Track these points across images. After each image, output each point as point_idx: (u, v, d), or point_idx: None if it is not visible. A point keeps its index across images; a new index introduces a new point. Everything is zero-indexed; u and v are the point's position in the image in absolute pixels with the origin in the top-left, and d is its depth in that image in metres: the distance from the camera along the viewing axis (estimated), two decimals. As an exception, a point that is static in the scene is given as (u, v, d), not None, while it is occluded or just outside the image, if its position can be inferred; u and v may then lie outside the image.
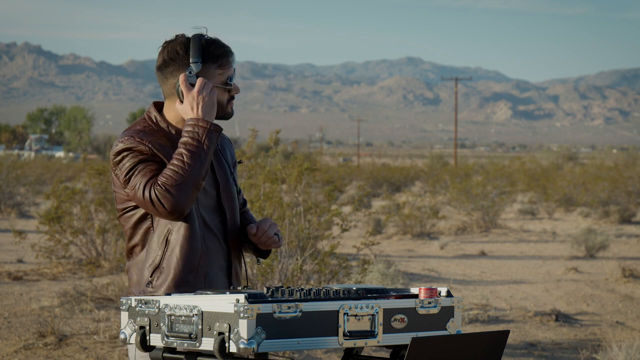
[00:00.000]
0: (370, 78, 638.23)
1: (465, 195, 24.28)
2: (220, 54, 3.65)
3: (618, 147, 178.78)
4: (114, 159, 3.62)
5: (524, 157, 64.81)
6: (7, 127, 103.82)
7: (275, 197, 9.54)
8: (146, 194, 3.51)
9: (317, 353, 8.38)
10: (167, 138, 3.66)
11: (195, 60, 3.61)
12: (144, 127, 3.67)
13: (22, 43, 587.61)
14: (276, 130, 10.09)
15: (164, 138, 3.65)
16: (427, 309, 3.37)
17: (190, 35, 3.67)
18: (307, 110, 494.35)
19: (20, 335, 8.74)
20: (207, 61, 3.64)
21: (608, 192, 28.01)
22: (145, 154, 3.58)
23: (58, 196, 13.77)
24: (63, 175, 37.84)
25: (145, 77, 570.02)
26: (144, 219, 3.64)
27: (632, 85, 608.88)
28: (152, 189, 3.51)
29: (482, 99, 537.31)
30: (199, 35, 3.66)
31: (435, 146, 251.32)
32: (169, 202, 3.50)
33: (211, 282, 3.66)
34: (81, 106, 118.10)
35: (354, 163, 72.04)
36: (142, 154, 3.58)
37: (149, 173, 3.55)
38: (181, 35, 3.70)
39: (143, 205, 3.55)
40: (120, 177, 3.60)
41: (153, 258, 3.63)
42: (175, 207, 3.50)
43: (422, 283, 13.29)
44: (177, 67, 3.65)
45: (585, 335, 9.78)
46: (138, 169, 3.56)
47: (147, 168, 3.56)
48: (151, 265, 3.63)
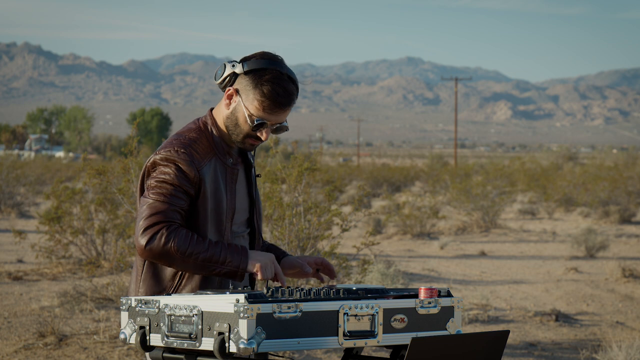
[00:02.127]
0: (370, 78, 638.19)
1: (465, 195, 24.27)
2: (268, 94, 3.50)
3: (618, 147, 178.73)
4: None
5: (524, 157, 64.83)
6: (7, 127, 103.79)
7: (275, 197, 9.54)
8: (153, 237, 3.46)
9: (317, 353, 8.37)
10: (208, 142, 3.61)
11: (247, 66, 3.53)
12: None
13: (22, 43, 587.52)
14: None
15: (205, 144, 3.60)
16: (427, 309, 3.37)
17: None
18: (307, 110, 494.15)
19: (20, 335, 8.74)
20: (254, 85, 3.52)
21: (608, 192, 27.99)
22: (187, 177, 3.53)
23: (58, 196, 13.77)
24: (63, 175, 37.86)
25: (145, 77, 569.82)
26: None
27: (632, 85, 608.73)
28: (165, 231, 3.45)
29: (482, 99, 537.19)
30: (276, 70, 3.53)
31: (435, 146, 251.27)
32: (154, 247, 3.44)
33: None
34: (81, 106, 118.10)
35: (354, 163, 72.04)
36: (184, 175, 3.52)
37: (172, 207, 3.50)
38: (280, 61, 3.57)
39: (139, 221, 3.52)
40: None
41: (174, 271, 3.58)
42: (147, 252, 3.45)
43: (422, 283, 13.29)
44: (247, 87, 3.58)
45: (585, 335, 9.78)
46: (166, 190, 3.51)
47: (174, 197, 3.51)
48: (177, 273, 3.57)
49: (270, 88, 3.49)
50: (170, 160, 3.50)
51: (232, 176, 3.64)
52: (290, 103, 3.54)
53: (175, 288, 3.56)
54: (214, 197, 3.55)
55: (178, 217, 3.47)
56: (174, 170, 3.49)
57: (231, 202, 3.61)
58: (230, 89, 3.57)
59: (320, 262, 3.78)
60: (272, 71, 3.51)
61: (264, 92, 3.49)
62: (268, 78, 3.50)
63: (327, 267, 3.78)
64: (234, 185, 3.63)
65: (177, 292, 3.56)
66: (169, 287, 3.56)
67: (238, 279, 3.48)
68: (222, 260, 3.44)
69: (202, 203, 3.52)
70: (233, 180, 3.64)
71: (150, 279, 3.58)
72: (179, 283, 3.56)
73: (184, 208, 3.50)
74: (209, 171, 3.54)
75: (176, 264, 3.45)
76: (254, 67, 3.52)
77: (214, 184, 3.56)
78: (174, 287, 3.56)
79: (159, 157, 3.53)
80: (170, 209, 3.46)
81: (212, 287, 3.57)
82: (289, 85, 3.52)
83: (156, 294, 3.54)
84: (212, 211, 3.55)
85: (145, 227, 3.44)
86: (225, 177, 3.61)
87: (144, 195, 3.52)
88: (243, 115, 3.54)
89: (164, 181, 3.49)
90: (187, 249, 3.42)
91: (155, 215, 3.45)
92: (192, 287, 3.55)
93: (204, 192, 3.52)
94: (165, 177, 3.49)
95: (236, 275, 3.46)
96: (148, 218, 3.45)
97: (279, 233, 9.34)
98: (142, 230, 3.44)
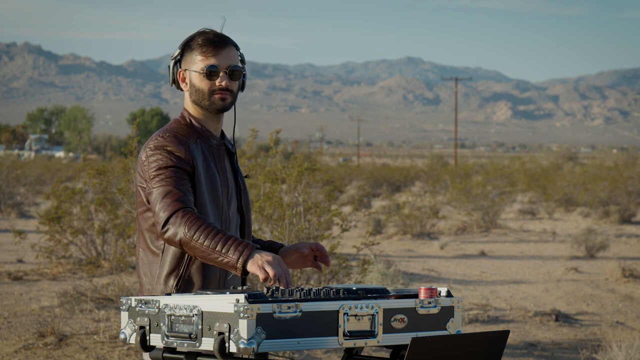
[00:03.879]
0: (370, 78, 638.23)
1: (465, 195, 24.28)
2: (202, 42, 3.70)
3: (618, 147, 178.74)
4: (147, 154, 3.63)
5: (524, 157, 64.84)
6: (7, 127, 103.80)
7: (275, 197, 9.54)
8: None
9: (317, 353, 8.38)
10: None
11: (178, 48, 3.73)
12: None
13: (22, 43, 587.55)
14: (276, 130, 10.07)
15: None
16: (427, 309, 3.37)
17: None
18: (307, 110, 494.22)
19: (20, 335, 8.74)
20: (190, 49, 3.72)
21: (608, 192, 28.00)
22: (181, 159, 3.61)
23: (58, 196, 13.77)
24: (63, 175, 37.86)
25: (145, 77, 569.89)
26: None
27: (632, 85, 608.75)
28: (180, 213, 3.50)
29: (482, 99, 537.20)
30: (201, 30, 3.74)
31: (435, 146, 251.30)
32: (175, 233, 3.50)
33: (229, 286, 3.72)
34: (81, 106, 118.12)
35: (354, 163, 72.06)
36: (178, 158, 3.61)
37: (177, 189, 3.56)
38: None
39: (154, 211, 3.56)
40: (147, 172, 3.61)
41: (172, 267, 3.63)
42: (171, 238, 3.51)
43: (422, 283, 13.29)
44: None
45: (585, 335, 9.78)
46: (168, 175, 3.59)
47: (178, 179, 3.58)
48: (171, 274, 3.62)
49: (202, 37, 3.72)
50: (159, 147, 3.61)
51: (219, 156, 3.74)
52: (226, 42, 3.71)
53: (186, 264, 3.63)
54: (207, 175, 3.65)
55: (190, 199, 3.55)
56: (166, 154, 3.59)
57: (224, 180, 3.71)
58: (179, 71, 3.75)
59: (315, 247, 3.82)
60: (199, 32, 3.75)
61: (199, 43, 3.70)
62: (197, 36, 3.74)
63: (322, 253, 3.80)
64: (223, 164, 3.74)
65: (188, 267, 3.62)
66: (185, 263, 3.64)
67: (239, 273, 3.49)
68: (224, 251, 3.47)
69: (199, 181, 3.61)
70: (220, 159, 3.74)
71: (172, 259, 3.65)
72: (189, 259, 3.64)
73: (189, 188, 3.58)
74: (197, 150, 3.65)
75: (185, 247, 3.52)
76: (183, 42, 3.74)
77: (204, 162, 3.66)
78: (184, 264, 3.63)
79: (148, 149, 3.62)
80: (179, 191, 3.54)
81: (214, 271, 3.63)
82: (216, 32, 3.74)
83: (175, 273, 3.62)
84: (209, 190, 3.64)
85: (166, 219, 3.50)
86: (213, 156, 3.71)
87: (148, 188, 3.58)
88: (197, 77, 3.70)
89: (160, 167, 3.58)
90: (194, 234, 3.47)
91: (170, 203, 3.52)
92: (198, 265, 3.62)
93: (197, 170, 3.61)
94: (160, 163, 3.58)
95: (235, 269, 3.48)
96: (164, 209, 3.51)
97: (279, 233, 9.34)
98: (163, 223, 3.51)
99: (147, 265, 3.67)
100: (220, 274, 3.67)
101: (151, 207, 3.57)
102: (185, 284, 3.62)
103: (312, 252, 3.83)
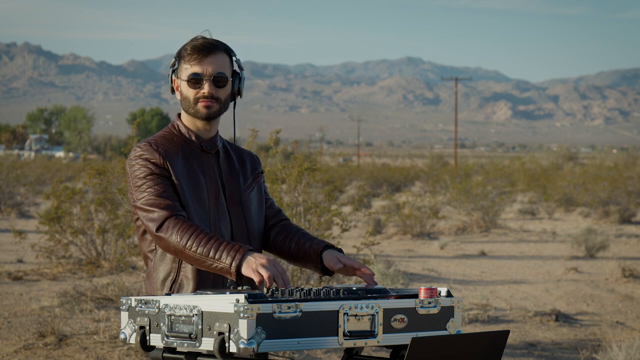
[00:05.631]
0: (370, 78, 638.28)
1: (465, 195, 24.27)
2: (189, 50, 3.72)
3: (618, 147, 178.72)
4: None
5: (524, 157, 64.82)
6: (7, 127, 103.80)
7: (275, 197, 9.54)
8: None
9: (317, 353, 8.37)
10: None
11: (174, 56, 3.77)
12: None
13: (22, 43, 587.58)
14: (276, 130, 10.07)
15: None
16: (427, 309, 3.37)
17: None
18: (307, 110, 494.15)
19: (20, 335, 8.74)
20: (181, 57, 3.75)
21: (608, 192, 27.99)
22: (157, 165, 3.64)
23: (58, 196, 13.76)
24: (63, 175, 37.85)
25: (145, 77, 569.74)
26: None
27: (632, 85, 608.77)
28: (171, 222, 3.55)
29: (482, 99, 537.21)
30: (194, 37, 3.78)
31: (435, 146, 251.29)
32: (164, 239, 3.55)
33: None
34: (81, 106, 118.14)
35: (354, 163, 72.06)
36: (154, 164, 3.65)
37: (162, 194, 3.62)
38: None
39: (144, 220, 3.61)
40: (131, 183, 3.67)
41: (167, 271, 3.66)
42: (163, 244, 3.57)
43: (422, 283, 13.28)
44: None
45: (585, 335, 9.78)
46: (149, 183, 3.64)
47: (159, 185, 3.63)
48: (167, 279, 3.66)
49: (190, 45, 3.74)
50: (137, 156, 3.67)
51: (207, 159, 3.76)
52: (213, 48, 3.71)
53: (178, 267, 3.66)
54: (189, 177, 3.67)
55: (176, 204, 3.60)
56: (143, 162, 3.64)
57: (211, 182, 3.71)
58: (174, 79, 3.79)
59: (359, 269, 3.73)
60: (191, 39, 3.78)
61: (187, 52, 3.72)
62: (187, 44, 3.76)
63: (368, 279, 3.72)
64: (211, 166, 3.75)
65: (180, 268, 3.65)
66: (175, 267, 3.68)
67: (233, 277, 3.49)
68: (217, 257, 3.47)
69: (179, 185, 3.64)
70: (208, 162, 3.75)
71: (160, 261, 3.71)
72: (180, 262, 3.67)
73: (172, 192, 3.62)
74: (176, 154, 3.68)
75: (179, 255, 3.56)
76: (178, 50, 3.78)
77: (186, 165, 3.68)
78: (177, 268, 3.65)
79: (128, 161, 3.71)
80: (163, 199, 3.59)
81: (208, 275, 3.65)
82: (206, 38, 3.75)
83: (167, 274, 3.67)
84: (192, 192, 3.66)
85: (156, 228, 3.56)
86: (200, 159, 3.73)
87: (133, 200, 3.64)
88: (184, 85, 3.74)
89: (140, 177, 3.63)
90: (187, 242, 3.50)
91: (157, 213, 3.57)
92: (190, 268, 3.64)
93: (175, 174, 3.64)
94: (138, 173, 3.64)
95: (229, 274, 3.48)
96: (153, 220, 3.57)
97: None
98: (155, 234, 3.57)
99: (149, 274, 3.72)
100: (214, 277, 3.66)
101: (140, 218, 3.61)
102: (178, 288, 3.64)
103: (354, 271, 3.74)
